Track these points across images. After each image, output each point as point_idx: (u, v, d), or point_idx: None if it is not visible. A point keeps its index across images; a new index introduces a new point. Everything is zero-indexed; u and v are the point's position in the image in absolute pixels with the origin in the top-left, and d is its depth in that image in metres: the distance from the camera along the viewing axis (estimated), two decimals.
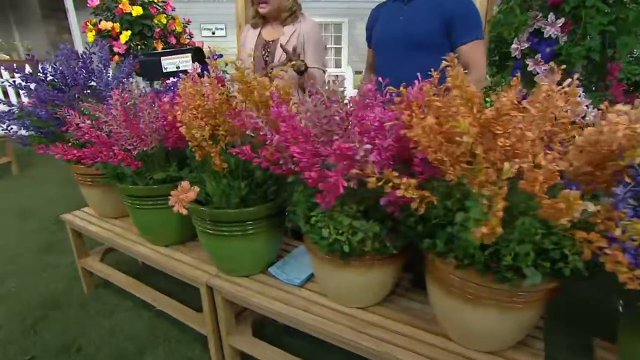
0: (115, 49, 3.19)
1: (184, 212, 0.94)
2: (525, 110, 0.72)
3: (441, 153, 0.78)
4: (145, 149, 1.23)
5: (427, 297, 1.09)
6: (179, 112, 1.05)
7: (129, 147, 1.21)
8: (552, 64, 0.87)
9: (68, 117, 1.22)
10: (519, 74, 0.79)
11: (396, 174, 0.75)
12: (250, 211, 1.11)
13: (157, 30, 3.30)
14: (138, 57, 1.63)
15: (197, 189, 0.97)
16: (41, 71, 1.38)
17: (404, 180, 0.76)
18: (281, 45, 1.64)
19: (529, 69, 1.61)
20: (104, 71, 1.44)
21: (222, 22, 7.29)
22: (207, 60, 1.16)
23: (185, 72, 1.95)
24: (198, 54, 2.24)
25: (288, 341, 1.47)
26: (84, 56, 1.42)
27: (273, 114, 0.90)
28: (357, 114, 0.88)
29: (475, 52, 1.38)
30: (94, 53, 1.44)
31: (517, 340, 0.93)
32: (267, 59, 1.82)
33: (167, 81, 2.11)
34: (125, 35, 3.17)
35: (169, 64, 2.26)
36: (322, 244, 0.93)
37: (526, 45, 1.62)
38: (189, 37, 3.67)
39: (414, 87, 0.85)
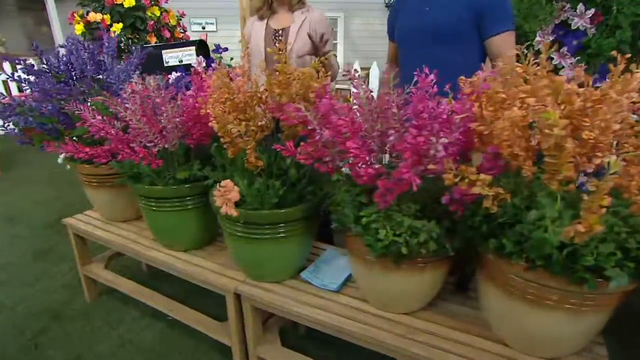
0: None
1: (235, 213, 0.86)
2: (615, 101, 0.66)
3: (517, 147, 0.72)
4: (166, 146, 1.12)
5: (476, 301, 1.04)
6: (210, 107, 0.96)
7: (148, 144, 1.11)
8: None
9: (78, 112, 1.11)
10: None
11: (473, 169, 0.69)
12: (288, 212, 1.03)
13: (150, 23, 3.14)
14: (145, 49, 1.52)
15: (238, 189, 0.89)
16: (45, 62, 1.25)
17: (481, 176, 0.69)
18: (308, 34, 1.73)
19: (554, 62, 1.58)
20: (113, 63, 1.32)
21: (213, 17, 7.06)
22: (212, 53, 1.08)
23: (189, 66, 1.85)
24: (202, 48, 2.13)
25: (310, 346, 1.40)
26: (92, 47, 1.30)
27: (324, 107, 0.82)
28: (415, 106, 0.81)
29: (507, 43, 1.33)
30: (104, 44, 1.32)
31: (582, 346, 0.89)
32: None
33: (169, 76, 1.99)
34: (116, 28, 3.01)
35: (171, 57, 2.14)
36: (376, 246, 0.86)
37: (551, 37, 1.58)
38: (182, 30, 3.52)
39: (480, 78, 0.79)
